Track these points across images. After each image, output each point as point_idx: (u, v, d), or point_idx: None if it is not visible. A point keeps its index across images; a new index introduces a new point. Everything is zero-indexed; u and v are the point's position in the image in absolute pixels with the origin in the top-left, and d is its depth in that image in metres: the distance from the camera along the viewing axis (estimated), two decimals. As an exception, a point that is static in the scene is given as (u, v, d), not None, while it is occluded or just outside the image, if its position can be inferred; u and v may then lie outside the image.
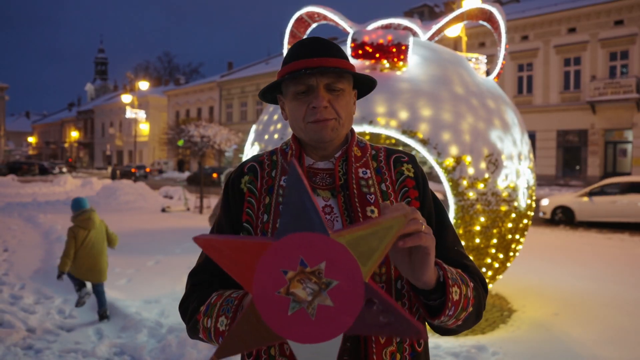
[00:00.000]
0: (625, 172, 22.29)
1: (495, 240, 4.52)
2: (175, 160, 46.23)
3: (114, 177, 34.91)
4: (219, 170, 27.30)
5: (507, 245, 4.70)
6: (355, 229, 0.82)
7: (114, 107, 59.77)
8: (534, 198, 5.25)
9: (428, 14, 36.28)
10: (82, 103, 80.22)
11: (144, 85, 34.51)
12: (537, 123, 24.20)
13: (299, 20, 5.74)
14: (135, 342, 4.44)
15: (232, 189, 1.30)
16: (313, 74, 1.18)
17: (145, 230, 11.14)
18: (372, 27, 6.03)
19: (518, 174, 4.74)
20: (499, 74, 5.55)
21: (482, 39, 26.15)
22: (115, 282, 6.53)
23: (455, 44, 13.67)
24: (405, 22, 6.26)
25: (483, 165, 4.43)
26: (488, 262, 4.57)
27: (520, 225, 4.84)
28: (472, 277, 1.22)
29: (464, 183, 4.35)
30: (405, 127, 4.39)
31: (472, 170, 4.38)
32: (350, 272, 0.78)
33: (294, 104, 1.22)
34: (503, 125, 4.76)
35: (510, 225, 4.63)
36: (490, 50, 24.08)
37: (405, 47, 4.59)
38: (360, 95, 1.34)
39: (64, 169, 47.24)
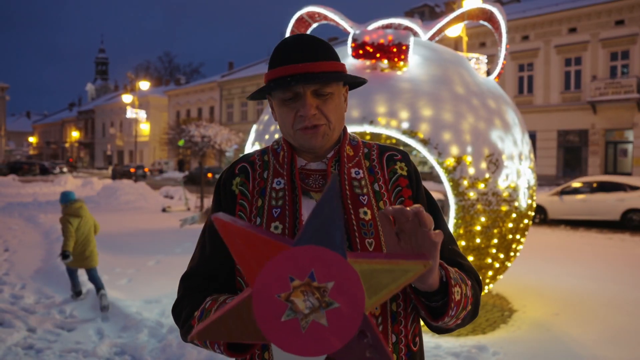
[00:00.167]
0: (626, 172, 22.28)
1: (496, 240, 4.52)
2: (176, 160, 46.26)
3: (115, 177, 34.93)
4: (218, 170, 27.24)
5: (507, 245, 4.70)
6: (374, 261, 0.82)
7: (115, 107, 59.80)
8: (535, 198, 5.25)
9: (429, 14, 36.27)
10: (82, 103, 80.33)
11: (145, 85, 34.37)
12: (537, 123, 24.19)
13: (300, 20, 5.74)
14: (136, 342, 4.44)
15: (223, 190, 1.27)
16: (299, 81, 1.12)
17: (146, 230, 11.15)
18: (372, 27, 6.02)
19: (519, 174, 4.74)
20: (500, 74, 5.55)
21: (482, 39, 26.14)
22: (116, 282, 6.53)
23: (456, 44, 13.68)
24: (406, 22, 6.26)
25: (484, 165, 4.43)
26: (489, 262, 4.57)
27: (521, 225, 4.85)
28: (468, 275, 1.21)
29: (465, 183, 4.35)
30: (406, 127, 4.39)
31: (472, 170, 4.38)
32: (354, 300, 0.78)
33: (282, 110, 1.20)
34: (504, 125, 4.76)
35: (511, 225, 4.63)
36: (491, 50, 24.09)
37: (406, 47, 4.59)
38: (352, 87, 1.30)
39: (65, 169, 47.26)
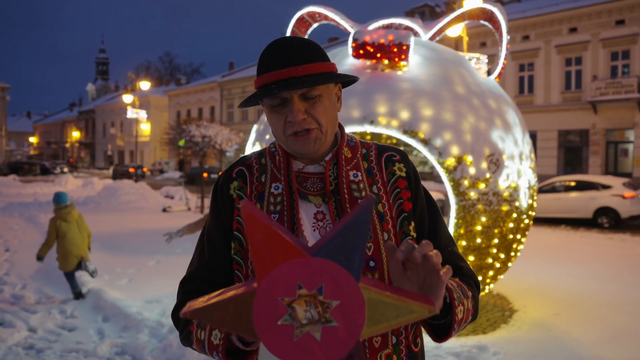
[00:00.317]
0: (627, 172, 22.25)
1: (497, 240, 4.52)
2: (177, 161, 46.26)
3: (116, 177, 34.95)
4: (216, 170, 27.22)
5: (508, 245, 4.70)
6: (384, 292, 0.82)
7: (115, 107, 59.80)
8: (535, 198, 5.25)
9: (429, 14, 36.25)
10: (83, 103, 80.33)
11: (145, 85, 34.34)
12: (538, 123, 24.17)
13: (300, 20, 5.74)
14: (137, 342, 4.44)
15: (221, 194, 1.25)
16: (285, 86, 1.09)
17: (146, 230, 11.15)
18: (373, 27, 6.02)
19: (519, 174, 4.74)
20: (500, 74, 5.55)
21: (483, 39, 26.13)
22: (117, 282, 6.54)
23: (457, 44, 13.67)
24: (407, 21, 6.26)
25: (484, 165, 4.43)
26: (489, 262, 4.57)
27: (522, 225, 4.84)
28: (468, 283, 1.21)
29: (465, 183, 4.35)
30: (407, 127, 4.39)
31: (473, 170, 4.38)
32: (353, 324, 0.78)
33: (272, 117, 1.17)
34: (504, 125, 4.76)
35: (512, 225, 4.63)
36: (492, 50, 24.07)
37: (407, 47, 4.59)
38: (348, 85, 1.27)
39: (65, 169, 47.25)
